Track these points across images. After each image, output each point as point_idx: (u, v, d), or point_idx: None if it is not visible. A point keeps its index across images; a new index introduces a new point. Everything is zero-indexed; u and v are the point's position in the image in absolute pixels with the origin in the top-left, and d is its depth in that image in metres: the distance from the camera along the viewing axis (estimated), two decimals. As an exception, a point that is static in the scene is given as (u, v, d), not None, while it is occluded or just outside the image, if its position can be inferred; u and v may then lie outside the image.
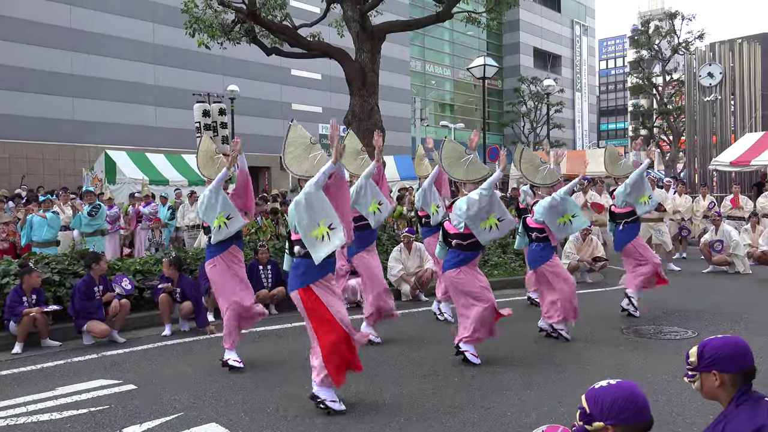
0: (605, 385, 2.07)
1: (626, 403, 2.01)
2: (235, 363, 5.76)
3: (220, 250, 5.84)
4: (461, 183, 6.10)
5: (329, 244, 4.47)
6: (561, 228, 6.70)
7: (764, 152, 18.19)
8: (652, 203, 7.92)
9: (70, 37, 26.64)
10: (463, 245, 5.82)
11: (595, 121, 66.83)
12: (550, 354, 6.14)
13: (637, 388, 2.06)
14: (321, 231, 4.46)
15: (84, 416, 4.64)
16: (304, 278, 4.59)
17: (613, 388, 2.05)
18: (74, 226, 11.72)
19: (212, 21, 12.98)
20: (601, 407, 2.03)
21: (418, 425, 4.31)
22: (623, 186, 7.89)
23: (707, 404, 3.97)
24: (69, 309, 6.98)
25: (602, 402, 2.03)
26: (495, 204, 5.74)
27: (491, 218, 5.69)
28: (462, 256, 5.83)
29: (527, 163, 7.05)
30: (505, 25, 51.22)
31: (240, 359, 5.81)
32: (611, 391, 2.05)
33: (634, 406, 2.01)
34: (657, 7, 68.61)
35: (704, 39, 40.35)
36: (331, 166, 4.53)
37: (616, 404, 2.01)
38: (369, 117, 12.51)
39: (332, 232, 4.46)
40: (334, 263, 4.82)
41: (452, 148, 6.26)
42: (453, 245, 5.87)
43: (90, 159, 23.55)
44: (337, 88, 32.62)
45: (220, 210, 5.71)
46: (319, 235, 4.46)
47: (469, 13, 14.93)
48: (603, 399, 2.03)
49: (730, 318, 7.62)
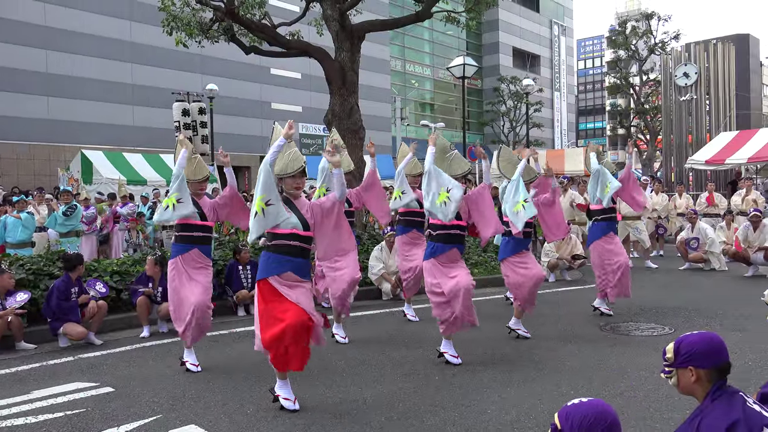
0: (576, 402, 2.15)
1: (596, 419, 2.07)
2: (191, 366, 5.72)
3: (179, 252, 5.76)
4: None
5: (261, 219, 4.43)
6: (516, 216, 6.57)
7: (738, 151, 18.54)
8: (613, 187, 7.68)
9: (44, 34, 26.24)
10: (433, 236, 5.90)
11: (574, 121, 67.49)
12: (530, 352, 6.18)
13: (607, 406, 2.13)
14: (258, 205, 4.43)
15: (60, 420, 4.56)
16: (265, 270, 4.60)
17: (584, 405, 2.12)
18: (49, 226, 11.54)
19: (190, 19, 12.85)
20: (571, 424, 2.09)
21: (398, 424, 4.30)
22: (589, 182, 7.92)
23: (683, 399, 4.02)
24: (44, 309, 6.84)
25: (572, 419, 2.10)
26: (440, 177, 5.72)
27: (442, 192, 5.68)
28: (434, 248, 5.88)
29: (505, 161, 7.10)
30: (484, 24, 51.61)
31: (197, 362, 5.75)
32: (582, 408, 2.11)
33: (604, 422, 2.07)
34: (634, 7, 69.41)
35: (680, 39, 40.97)
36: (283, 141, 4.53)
37: (585, 420, 2.07)
38: (349, 116, 12.48)
39: (267, 208, 4.43)
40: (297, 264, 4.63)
41: (439, 143, 6.30)
42: (426, 236, 5.96)
43: (66, 159, 23.23)
44: (317, 87, 32.56)
45: (174, 191, 5.62)
46: (257, 209, 4.45)
47: (449, 13, 14.97)
48: (573, 416, 2.10)
49: (705, 314, 7.74)
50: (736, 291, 9.48)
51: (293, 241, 4.60)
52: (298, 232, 4.60)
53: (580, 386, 4.99)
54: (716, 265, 11.64)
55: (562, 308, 8.34)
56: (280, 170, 4.65)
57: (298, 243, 4.61)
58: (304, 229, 4.64)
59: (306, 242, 4.67)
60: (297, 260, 4.61)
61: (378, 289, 9.36)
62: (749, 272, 10.89)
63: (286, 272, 4.58)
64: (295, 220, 4.61)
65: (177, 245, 5.84)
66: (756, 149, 18.14)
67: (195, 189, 5.85)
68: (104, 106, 28.09)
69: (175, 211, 5.62)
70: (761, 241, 10.76)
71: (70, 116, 26.92)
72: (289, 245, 4.60)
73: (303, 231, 4.63)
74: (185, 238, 5.80)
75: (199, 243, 5.83)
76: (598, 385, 5.01)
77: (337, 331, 6.80)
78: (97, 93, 27.80)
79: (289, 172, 4.65)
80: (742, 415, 2.23)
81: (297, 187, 4.71)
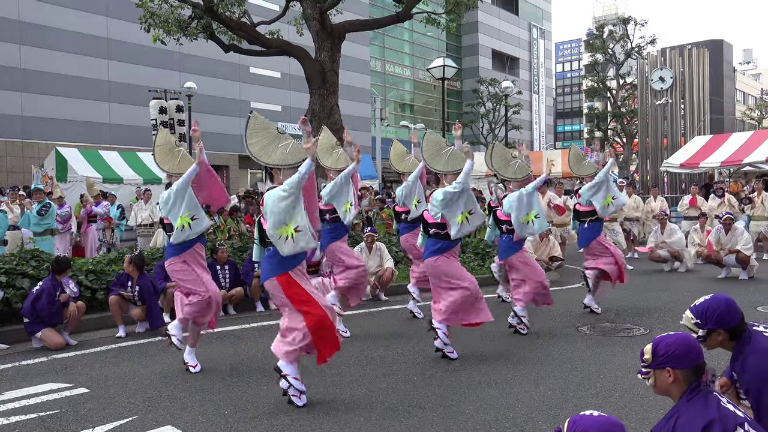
0: (588, 414, 2.20)
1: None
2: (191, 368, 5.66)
3: (183, 249, 5.63)
4: (442, 174, 6.14)
5: (293, 245, 4.51)
6: (524, 226, 6.79)
7: (712, 155, 18.85)
8: (617, 203, 8.04)
9: (18, 29, 25.75)
10: (440, 234, 5.93)
11: (552, 123, 68.11)
12: (509, 351, 6.23)
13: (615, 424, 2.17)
14: (287, 231, 4.49)
15: (33, 421, 4.48)
16: (281, 266, 4.61)
17: (592, 419, 2.17)
18: (22, 225, 11.33)
19: (168, 16, 12.71)
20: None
21: (377, 424, 4.30)
22: (589, 186, 7.99)
23: (658, 399, 4.08)
24: (25, 310, 6.64)
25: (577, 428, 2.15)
26: (467, 197, 5.84)
27: (464, 212, 5.77)
28: (440, 245, 5.93)
29: (498, 158, 7.14)
30: (463, 26, 51.85)
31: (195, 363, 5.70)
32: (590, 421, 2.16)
33: None
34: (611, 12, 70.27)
35: (656, 44, 41.58)
36: (310, 163, 4.52)
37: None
38: (329, 116, 12.46)
39: (297, 235, 4.50)
40: (305, 254, 4.79)
41: (433, 140, 6.32)
42: (431, 234, 5.99)
43: (40, 156, 22.82)
44: (296, 86, 32.44)
45: (185, 210, 5.48)
46: (284, 235, 4.48)
47: (429, 14, 15.02)
48: (578, 426, 2.15)
49: (679, 315, 7.81)
50: (708, 293, 9.59)
51: None
52: None
53: (557, 387, 5.04)
54: (689, 263, 11.92)
55: (541, 309, 8.39)
56: (279, 161, 4.69)
57: None
58: None
59: None
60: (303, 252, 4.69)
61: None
62: (722, 274, 11.08)
63: (300, 263, 4.71)
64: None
65: (179, 245, 5.64)
66: (729, 153, 18.46)
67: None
68: (80, 103, 27.65)
69: (192, 229, 5.52)
70: (733, 244, 10.96)
71: (44, 113, 26.42)
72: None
73: None
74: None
75: (200, 236, 5.77)
76: (575, 385, 5.06)
77: (338, 326, 6.88)
78: (73, 89, 27.34)
79: (291, 163, 4.67)
80: (718, 415, 2.27)
81: None
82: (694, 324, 2.79)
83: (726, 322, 2.74)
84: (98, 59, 28.44)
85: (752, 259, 10.89)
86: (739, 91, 72.50)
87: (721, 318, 2.74)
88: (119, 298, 7.27)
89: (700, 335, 2.76)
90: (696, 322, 2.79)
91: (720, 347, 2.83)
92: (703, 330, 2.75)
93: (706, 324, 2.75)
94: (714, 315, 2.74)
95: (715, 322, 2.74)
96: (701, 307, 2.80)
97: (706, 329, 2.75)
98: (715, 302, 2.79)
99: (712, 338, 2.77)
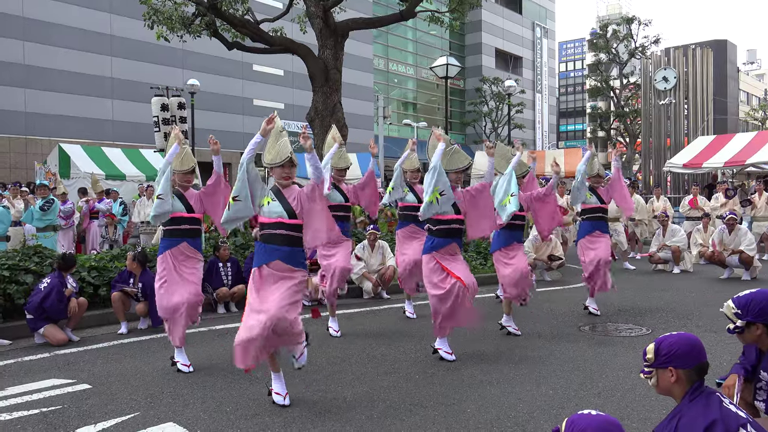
0: (586, 413, 2.18)
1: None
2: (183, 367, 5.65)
3: (168, 246, 5.69)
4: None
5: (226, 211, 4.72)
6: (503, 209, 6.60)
7: (715, 155, 18.82)
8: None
9: (21, 25, 25.79)
10: (432, 231, 5.93)
11: (555, 122, 67.94)
12: (510, 350, 6.22)
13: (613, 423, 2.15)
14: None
15: (35, 417, 4.49)
16: (256, 261, 4.72)
17: (590, 418, 2.15)
18: (26, 221, 11.35)
19: (172, 13, 12.71)
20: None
21: (379, 422, 4.30)
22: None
23: (660, 399, 4.08)
24: (30, 306, 6.64)
25: (575, 428, 2.13)
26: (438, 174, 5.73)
27: (435, 191, 5.71)
28: (433, 242, 5.91)
29: (499, 156, 7.14)
30: (467, 25, 51.74)
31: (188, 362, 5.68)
32: (587, 420, 2.14)
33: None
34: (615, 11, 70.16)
35: (660, 44, 41.56)
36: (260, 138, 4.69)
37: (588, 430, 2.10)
38: (332, 114, 12.44)
39: (233, 203, 4.66)
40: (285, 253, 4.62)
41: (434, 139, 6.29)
42: (426, 230, 6.01)
43: (43, 152, 22.86)
44: (299, 84, 32.44)
45: (158, 187, 5.61)
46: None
47: (433, 13, 15.00)
48: (576, 425, 2.13)
49: (681, 315, 7.85)
50: (711, 293, 9.63)
51: (279, 229, 4.63)
52: (283, 221, 4.64)
53: (559, 386, 5.03)
54: (688, 264, 11.89)
55: (542, 308, 8.40)
56: (270, 160, 4.73)
57: (284, 231, 4.64)
58: (290, 217, 4.65)
59: (293, 230, 4.68)
60: (284, 249, 4.63)
61: (359, 288, 9.36)
62: (725, 274, 11.07)
63: (274, 261, 4.62)
64: (280, 208, 4.65)
65: (165, 240, 5.74)
66: (732, 154, 18.43)
67: (181, 180, 5.75)
68: (83, 100, 27.69)
69: (156, 208, 5.54)
70: (736, 244, 10.94)
71: (47, 109, 26.48)
72: (275, 234, 4.63)
73: (289, 219, 4.65)
74: (173, 232, 5.71)
75: (188, 236, 5.74)
76: (577, 385, 5.06)
77: (332, 325, 6.97)
78: (76, 86, 27.39)
79: (277, 162, 4.69)
80: (720, 415, 2.27)
81: (285, 177, 4.73)
82: (734, 314, 2.80)
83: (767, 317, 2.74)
84: (101, 56, 28.47)
85: (755, 259, 10.88)
86: (743, 92, 72.35)
87: (763, 312, 2.75)
88: (122, 295, 7.29)
89: (738, 326, 2.76)
90: (736, 312, 2.79)
91: (755, 342, 2.83)
92: (742, 321, 2.75)
93: (746, 315, 2.76)
94: (756, 308, 2.75)
95: (756, 315, 2.75)
96: (744, 298, 2.80)
97: (745, 321, 2.75)
98: (760, 296, 2.80)
99: (749, 331, 2.78)
